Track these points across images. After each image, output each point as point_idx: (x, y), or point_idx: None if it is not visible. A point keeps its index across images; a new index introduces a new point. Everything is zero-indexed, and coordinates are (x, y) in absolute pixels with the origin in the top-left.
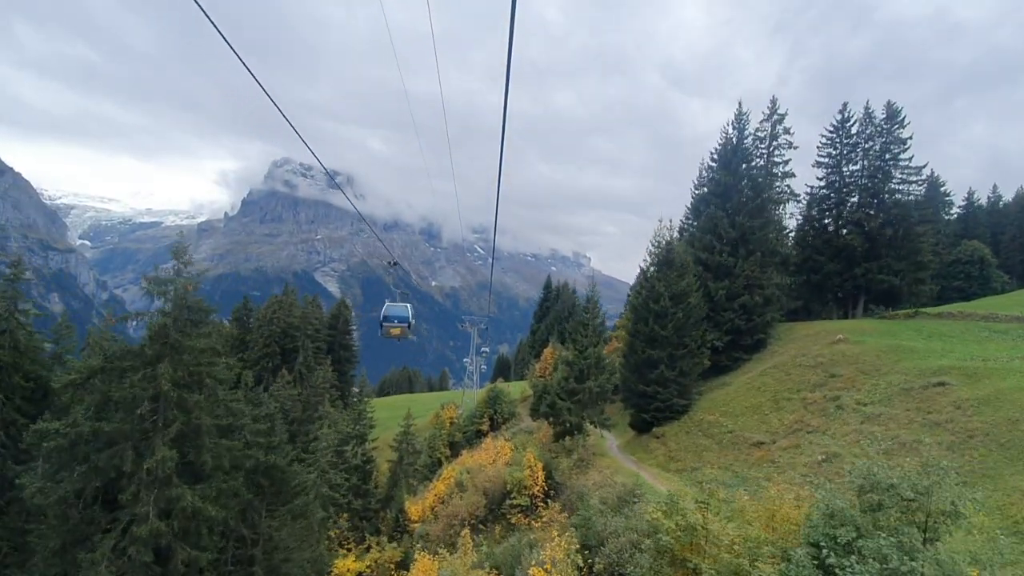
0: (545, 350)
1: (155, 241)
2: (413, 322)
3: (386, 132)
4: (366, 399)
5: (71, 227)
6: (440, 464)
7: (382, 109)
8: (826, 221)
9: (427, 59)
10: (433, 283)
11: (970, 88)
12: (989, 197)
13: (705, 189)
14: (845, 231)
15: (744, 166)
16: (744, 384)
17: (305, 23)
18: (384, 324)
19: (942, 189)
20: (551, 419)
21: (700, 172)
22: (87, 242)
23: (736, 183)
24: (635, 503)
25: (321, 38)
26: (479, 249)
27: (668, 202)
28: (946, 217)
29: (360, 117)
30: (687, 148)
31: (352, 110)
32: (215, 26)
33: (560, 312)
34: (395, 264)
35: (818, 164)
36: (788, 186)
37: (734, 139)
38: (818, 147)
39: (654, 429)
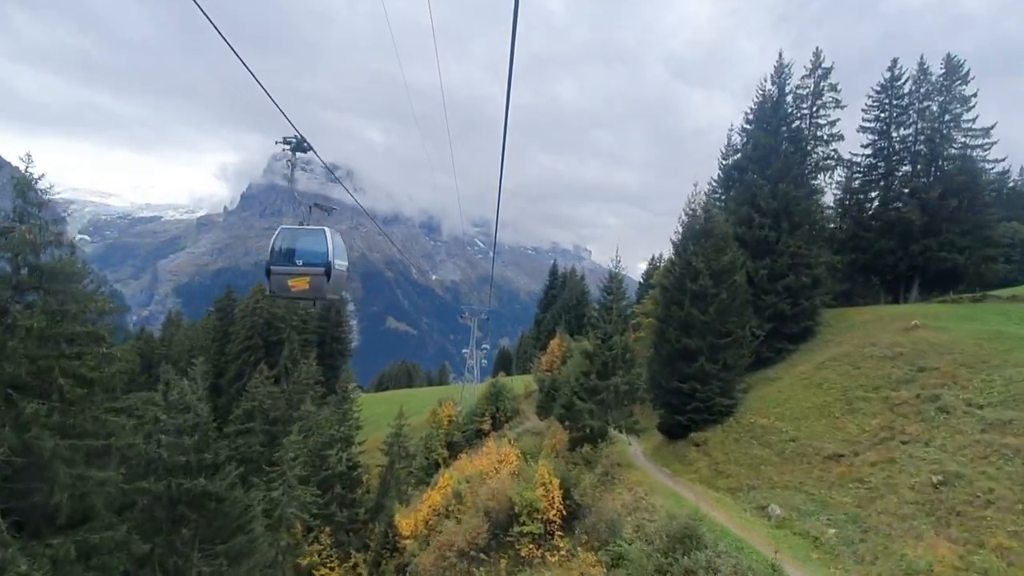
0: (552, 342)
1: (155, 236)
2: (342, 267)
3: (386, 123)
4: (352, 397)
5: (70, 222)
6: (437, 467)
7: (381, 100)
8: (873, 194)
9: (427, 49)
10: (433, 277)
11: (976, 79)
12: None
13: (738, 155)
14: (898, 204)
15: (785, 128)
16: (798, 379)
17: (304, 13)
18: (272, 272)
19: None
20: (567, 422)
21: (728, 140)
22: (86, 237)
23: (777, 146)
24: (700, 549)
25: (320, 28)
26: (480, 243)
27: (669, 194)
28: None
29: (359, 108)
30: (689, 141)
31: (351, 100)
32: (208, 17)
33: (567, 301)
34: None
35: (863, 129)
36: (835, 151)
37: (774, 94)
38: (863, 109)
39: (692, 434)
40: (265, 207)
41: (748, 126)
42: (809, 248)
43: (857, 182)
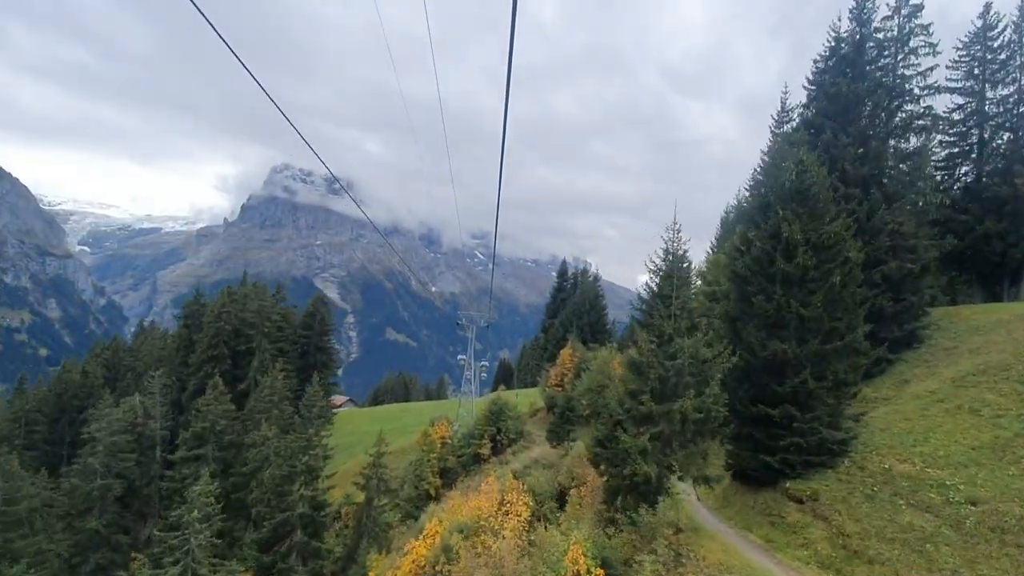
0: (562, 352)
1: (155, 247)
2: None
3: (384, 135)
4: (321, 418)
5: (70, 233)
6: (429, 498)
7: (379, 111)
8: (964, 168)
9: (423, 60)
10: (433, 289)
11: None
12: None
13: (794, 122)
14: (995, 179)
15: (871, 73)
16: (928, 402)
17: (300, 23)
18: None
19: None
20: (604, 463)
21: (782, 105)
22: (86, 248)
23: (862, 96)
24: None
25: (317, 39)
26: (479, 255)
27: (668, 205)
28: None
29: (357, 120)
30: (687, 150)
31: (349, 112)
32: (220, 36)
33: (578, 306)
34: None
35: (949, 90)
36: (930, 107)
37: (855, 34)
38: (949, 66)
39: (788, 484)
40: (265, 218)
41: (810, 87)
42: (914, 227)
43: (944, 152)
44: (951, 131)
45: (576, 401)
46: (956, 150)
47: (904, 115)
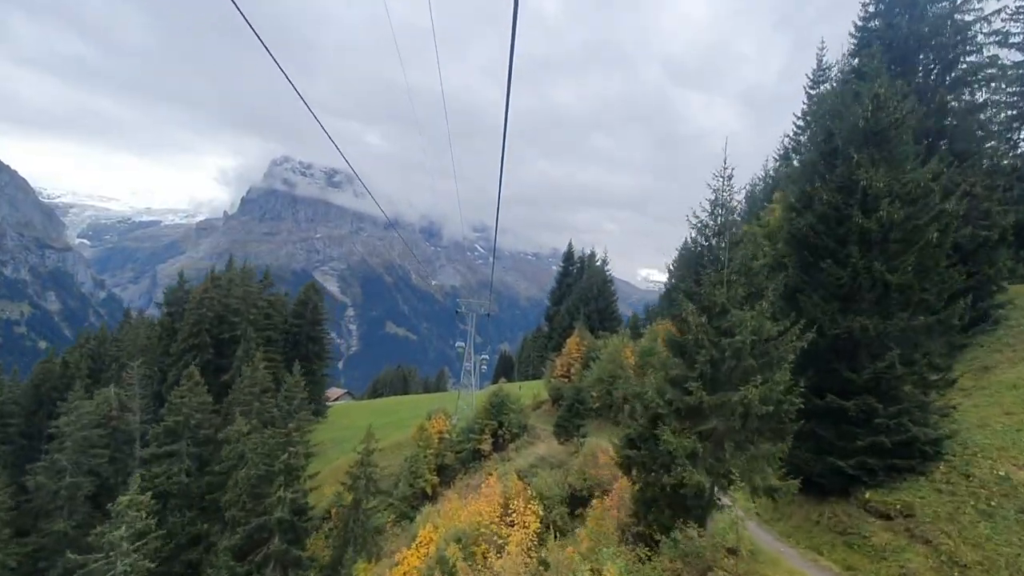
0: (568, 340)
1: (154, 240)
2: None
3: (385, 127)
4: (302, 412)
5: (70, 226)
6: (425, 497)
7: (380, 104)
8: None
9: (424, 53)
10: (433, 282)
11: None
12: None
13: (828, 82)
14: None
15: (932, 12)
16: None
17: (301, 15)
18: None
19: None
20: (638, 468)
21: (818, 62)
22: (86, 241)
23: (922, 41)
24: None
25: (317, 30)
26: (480, 248)
27: (667, 200)
28: None
29: (358, 112)
30: (688, 145)
31: (349, 105)
32: (254, 31)
33: (586, 291)
34: None
35: (1011, 45)
36: (996, 56)
37: None
38: (1004, 19)
39: (868, 494)
40: (265, 211)
41: (857, 35)
42: (986, 189)
43: (1002, 115)
44: (1010, 89)
45: (586, 392)
46: (1014, 112)
47: (967, 65)
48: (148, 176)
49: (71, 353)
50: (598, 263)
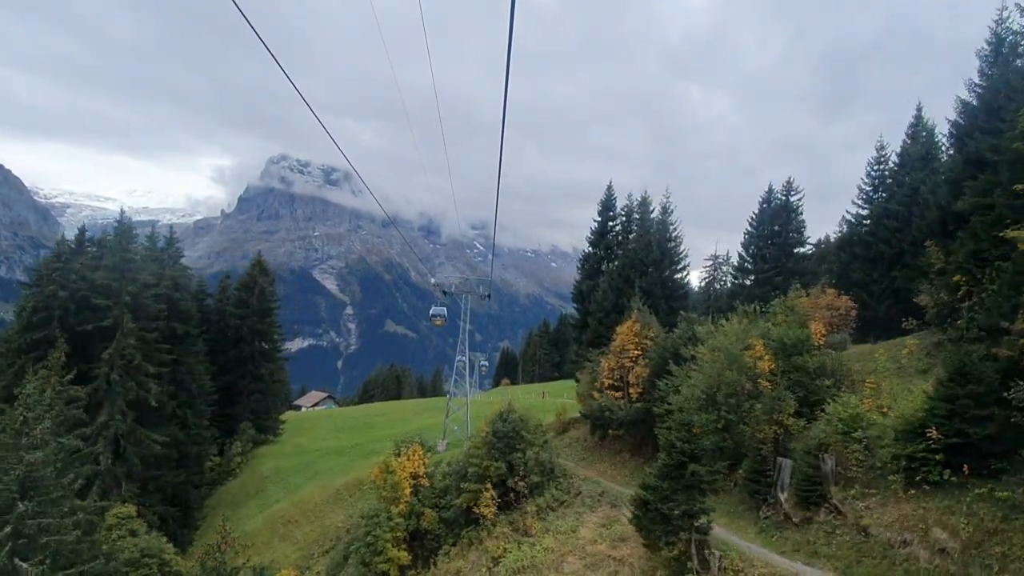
0: (620, 329)
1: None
2: None
3: (380, 124)
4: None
5: (67, 226)
6: None
7: (375, 101)
8: None
9: (418, 47)
10: (432, 280)
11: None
12: None
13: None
14: None
15: None
16: None
17: (294, 9)
18: None
19: None
20: None
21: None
22: None
23: None
24: None
25: (310, 25)
26: (479, 245)
27: (669, 195)
28: None
29: (353, 109)
30: (687, 137)
31: (344, 102)
32: (255, 30)
33: (640, 254)
34: None
35: None
36: None
37: None
38: None
39: None
40: (263, 210)
41: None
42: None
43: None
44: None
45: (705, 437)
46: None
47: None
48: (145, 175)
49: None
50: (653, 213)
